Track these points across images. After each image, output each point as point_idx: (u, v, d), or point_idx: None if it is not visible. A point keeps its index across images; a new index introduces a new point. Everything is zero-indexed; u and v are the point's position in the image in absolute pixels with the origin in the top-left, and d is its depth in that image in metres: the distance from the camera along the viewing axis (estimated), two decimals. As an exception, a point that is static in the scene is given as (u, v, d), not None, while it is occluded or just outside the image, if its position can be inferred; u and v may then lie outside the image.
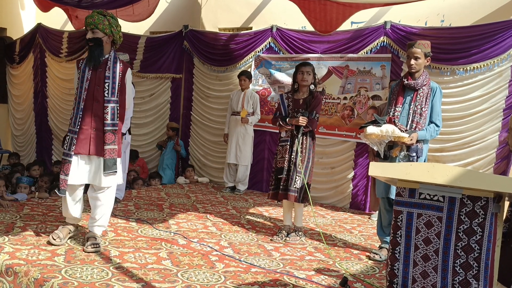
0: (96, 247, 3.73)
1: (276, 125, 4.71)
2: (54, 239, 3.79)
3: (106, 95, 3.72)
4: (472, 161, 5.66)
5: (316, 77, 4.68)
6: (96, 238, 3.83)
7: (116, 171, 3.79)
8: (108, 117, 3.73)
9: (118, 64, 3.80)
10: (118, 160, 3.85)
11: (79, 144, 3.72)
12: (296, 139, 4.47)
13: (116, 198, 5.55)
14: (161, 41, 8.05)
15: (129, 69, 3.91)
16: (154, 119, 8.25)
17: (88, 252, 3.69)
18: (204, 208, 5.78)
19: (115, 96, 3.76)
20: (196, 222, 5.02)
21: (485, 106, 5.60)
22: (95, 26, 3.73)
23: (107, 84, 3.73)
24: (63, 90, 9.04)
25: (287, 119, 4.55)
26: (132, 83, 5.58)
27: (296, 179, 4.44)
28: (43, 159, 9.16)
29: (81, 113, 3.74)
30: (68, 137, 3.78)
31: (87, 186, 3.98)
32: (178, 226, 4.81)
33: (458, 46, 5.72)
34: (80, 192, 3.92)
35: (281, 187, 4.52)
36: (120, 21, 7.57)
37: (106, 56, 3.81)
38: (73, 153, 3.72)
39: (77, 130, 3.73)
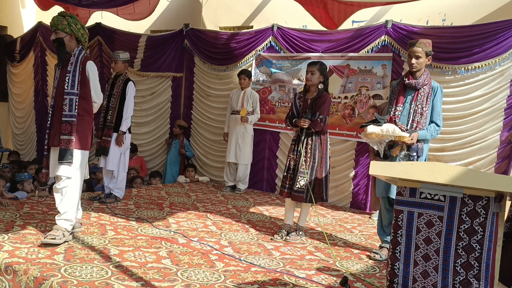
0: (52, 239, 3.71)
1: (287, 125, 4.75)
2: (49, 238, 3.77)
3: (66, 87, 3.86)
4: (473, 161, 5.65)
5: (324, 77, 4.54)
6: (58, 230, 3.80)
7: (70, 162, 3.81)
8: (66, 108, 3.85)
9: (79, 59, 3.91)
10: (78, 152, 3.88)
11: (50, 137, 3.95)
12: (300, 140, 4.47)
13: (116, 197, 5.58)
14: (161, 40, 8.04)
15: (89, 61, 3.95)
16: (154, 118, 8.24)
17: (41, 243, 3.69)
18: (204, 207, 5.77)
19: (75, 89, 3.86)
20: (196, 221, 5.01)
21: (486, 106, 5.58)
22: (56, 28, 3.91)
23: (67, 78, 3.87)
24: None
25: (293, 120, 4.55)
26: (133, 81, 5.62)
27: (299, 180, 4.43)
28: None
29: (51, 109, 3.94)
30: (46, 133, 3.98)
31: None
32: (178, 225, 4.80)
33: (459, 45, 5.71)
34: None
35: (287, 185, 4.53)
36: (121, 20, 7.67)
37: (72, 53, 3.95)
38: (46, 147, 3.95)
39: (49, 125, 3.95)
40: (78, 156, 3.90)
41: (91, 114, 4.02)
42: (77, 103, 3.86)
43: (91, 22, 8.25)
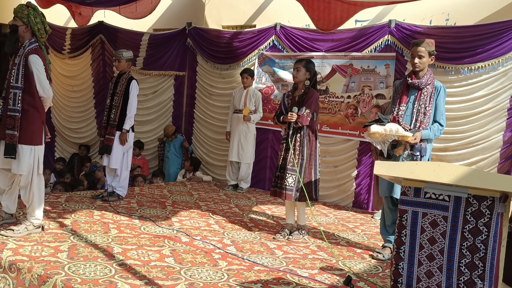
0: (10, 232, 3.81)
1: (274, 123, 4.78)
2: None
3: (12, 81, 3.84)
4: (476, 161, 5.64)
5: (311, 73, 4.52)
6: (21, 224, 3.92)
7: (13, 157, 3.81)
8: (11, 102, 3.82)
9: (24, 51, 3.86)
10: (24, 147, 3.85)
11: None
12: (288, 137, 4.46)
13: (118, 195, 5.59)
14: (164, 39, 8.04)
15: (32, 54, 3.85)
16: (157, 117, 8.24)
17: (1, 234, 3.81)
18: (207, 206, 5.77)
19: (19, 83, 3.82)
20: (199, 220, 5.02)
21: (490, 106, 5.58)
22: (15, 15, 3.90)
23: (13, 71, 3.85)
24: (66, 87, 9.05)
25: (281, 117, 4.55)
26: (136, 80, 5.62)
27: (287, 177, 4.41)
28: (45, 155, 9.15)
29: (3, 101, 3.94)
30: None
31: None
32: (181, 223, 4.80)
33: (462, 45, 5.70)
34: (5, 180, 4.01)
35: (277, 184, 4.53)
36: (124, 18, 7.66)
37: (23, 45, 3.90)
38: None
39: (0, 117, 3.91)
40: (26, 151, 3.85)
41: (39, 108, 3.92)
42: (20, 98, 3.81)
43: (93, 20, 8.25)
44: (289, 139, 4.43)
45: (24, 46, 3.88)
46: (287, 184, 4.40)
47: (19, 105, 3.81)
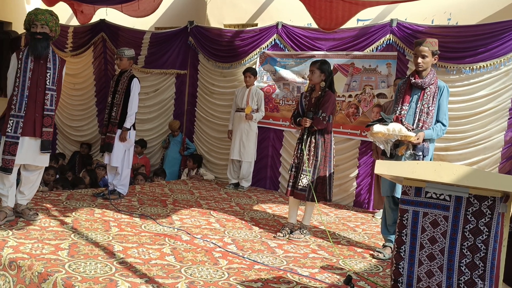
0: (37, 215, 4.35)
1: (291, 124, 4.83)
2: None
3: (47, 83, 4.20)
4: (477, 161, 5.63)
5: (326, 74, 4.52)
6: (30, 210, 4.37)
7: (50, 151, 4.30)
8: (48, 103, 4.21)
9: (57, 58, 4.31)
10: (50, 142, 4.32)
11: (25, 127, 4.12)
12: (303, 141, 4.50)
13: (119, 193, 5.59)
14: (166, 37, 8.03)
15: (65, 62, 4.42)
16: (158, 115, 8.24)
17: (34, 220, 4.25)
18: (208, 204, 5.77)
19: (54, 85, 4.26)
20: (200, 218, 5.02)
21: (491, 105, 5.57)
22: (45, 23, 4.21)
23: (48, 74, 4.21)
24: (67, 85, 9.04)
25: (298, 119, 4.57)
26: (138, 78, 5.62)
27: (301, 178, 4.45)
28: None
29: (26, 99, 4.13)
30: (12, 121, 4.10)
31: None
32: (182, 222, 4.80)
33: (464, 45, 5.69)
34: (15, 174, 4.22)
35: (290, 183, 4.55)
36: (125, 16, 7.67)
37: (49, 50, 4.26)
38: (20, 135, 4.11)
39: (23, 115, 4.12)
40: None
41: (57, 106, 4.42)
42: (56, 99, 4.26)
43: (95, 18, 8.26)
44: (304, 143, 4.47)
45: (49, 52, 4.24)
46: (301, 184, 4.44)
47: (54, 105, 4.26)
